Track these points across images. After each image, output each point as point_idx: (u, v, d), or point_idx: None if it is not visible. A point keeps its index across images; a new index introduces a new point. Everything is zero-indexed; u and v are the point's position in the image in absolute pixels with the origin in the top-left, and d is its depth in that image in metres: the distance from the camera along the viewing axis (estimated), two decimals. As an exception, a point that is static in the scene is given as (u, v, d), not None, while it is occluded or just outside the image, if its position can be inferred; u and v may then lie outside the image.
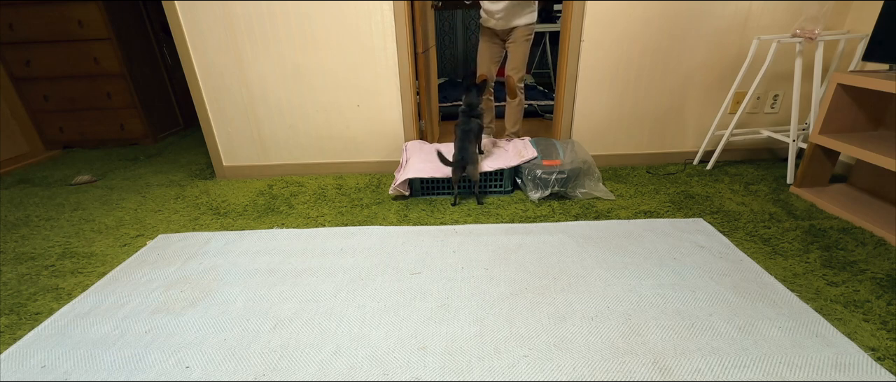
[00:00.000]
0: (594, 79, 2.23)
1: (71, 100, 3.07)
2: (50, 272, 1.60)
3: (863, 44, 1.93)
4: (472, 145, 1.99)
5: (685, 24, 2.10)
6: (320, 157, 2.45)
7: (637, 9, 2.08)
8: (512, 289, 1.37)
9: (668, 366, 1.06)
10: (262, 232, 1.81)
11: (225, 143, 2.42)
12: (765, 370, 1.04)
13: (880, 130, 1.85)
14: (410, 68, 2.23)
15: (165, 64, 3.46)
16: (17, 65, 2.94)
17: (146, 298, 1.41)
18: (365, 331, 1.22)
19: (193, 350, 1.18)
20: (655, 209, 1.89)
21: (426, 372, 1.07)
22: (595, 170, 2.07)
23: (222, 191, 2.31)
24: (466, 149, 1.93)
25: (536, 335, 1.18)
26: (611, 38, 2.14)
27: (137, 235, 1.86)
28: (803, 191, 1.94)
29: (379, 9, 2.09)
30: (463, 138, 1.97)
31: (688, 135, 2.38)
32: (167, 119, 3.49)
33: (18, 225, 2.00)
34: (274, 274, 1.50)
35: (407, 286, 1.41)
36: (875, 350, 1.10)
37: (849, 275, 1.39)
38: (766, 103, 2.30)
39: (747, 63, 2.08)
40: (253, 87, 2.27)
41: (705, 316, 1.23)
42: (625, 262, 1.50)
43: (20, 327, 1.31)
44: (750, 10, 2.07)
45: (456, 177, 1.95)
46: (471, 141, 1.98)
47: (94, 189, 2.42)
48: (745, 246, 1.58)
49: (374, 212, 1.97)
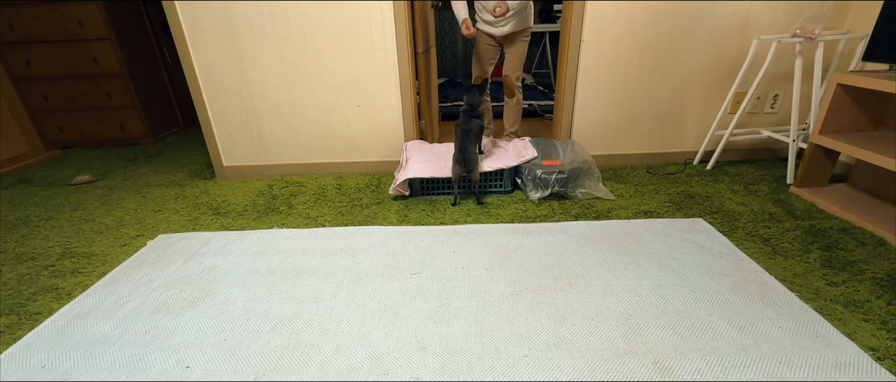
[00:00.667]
0: (594, 79, 2.23)
1: (71, 100, 3.07)
2: (50, 272, 1.60)
3: (863, 44, 1.93)
4: (473, 145, 1.99)
5: (685, 23, 2.10)
6: (320, 157, 2.45)
7: (637, 9, 2.08)
8: (512, 289, 1.37)
9: (668, 366, 1.06)
10: (262, 232, 1.81)
11: (225, 143, 2.42)
12: (765, 370, 1.04)
13: (880, 130, 1.86)
14: (410, 68, 2.23)
15: (165, 64, 3.46)
16: (17, 65, 2.94)
17: (146, 298, 1.41)
18: (365, 331, 1.22)
19: (193, 350, 1.18)
20: (655, 209, 1.90)
21: (426, 372, 1.07)
22: (595, 170, 2.07)
23: (222, 191, 2.31)
24: (467, 150, 1.93)
25: (536, 335, 1.18)
26: (611, 38, 2.14)
27: (137, 235, 1.86)
28: (803, 191, 1.94)
29: (379, 9, 2.09)
30: (463, 138, 1.97)
31: (688, 135, 2.38)
32: (167, 119, 3.49)
33: (18, 225, 2.00)
34: (274, 274, 1.50)
35: (407, 286, 1.41)
36: (875, 350, 1.10)
37: (849, 275, 1.39)
38: (766, 103, 2.30)
39: (747, 63, 2.08)
40: (253, 87, 2.27)
41: (705, 316, 1.23)
42: (625, 262, 1.50)
43: (20, 327, 1.31)
44: (750, 10, 2.07)
45: (456, 176, 1.95)
46: (471, 141, 1.98)
47: (94, 189, 2.42)
48: (745, 246, 1.58)
49: (374, 212, 1.97)
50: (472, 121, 2.05)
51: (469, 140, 1.97)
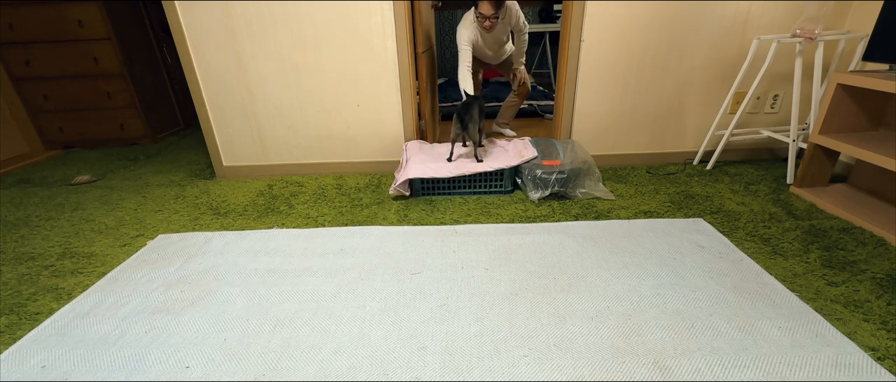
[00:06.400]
0: (594, 79, 2.23)
1: (71, 100, 3.07)
2: (50, 272, 1.60)
3: (863, 44, 1.93)
4: (475, 110, 2.04)
5: (685, 23, 2.10)
6: (320, 157, 2.45)
7: (637, 9, 2.08)
8: (512, 289, 1.37)
9: (668, 366, 1.06)
10: (261, 232, 1.81)
11: (225, 143, 2.42)
12: (765, 370, 1.04)
13: (880, 130, 1.86)
14: (410, 68, 2.23)
15: (165, 64, 3.46)
16: (17, 65, 2.94)
17: (146, 298, 1.41)
18: (365, 331, 1.22)
19: (193, 350, 1.18)
20: (655, 209, 1.89)
21: (426, 372, 1.07)
22: (595, 170, 2.07)
23: (222, 190, 2.31)
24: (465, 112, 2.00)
25: (536, 335, 1.18)
26: (611, 38, 2.14)
27: (137, 235, 1.86)
28: (803, 191, 1.94)
29: (379, 9, 2.09)
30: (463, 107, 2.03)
31: (688, 135, 2.38)
32: (167, 119, 3.49)
33: (18, 225, 2.00)
34: (274, 274, 1.50)
35: (407, 286, 1.41)
36: (875, 350, 1.10)
37: (849, 275, 1.39)
38: (766, 103, 2.30)
39: (747, 63, 2.08)
40: (253, 87, 2.27)
41: (705, 316, 1.23)
42: (625, 262, 1.50)
43: (20, 327, 1.31)
44: (750, 10, 2.07)
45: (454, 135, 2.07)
46: (473, 107, 2.04)
47: (94, 189, 2.42)
48: (745, 246, 1.58)
49: (374, 212, 1.97)
50: (474, 101, 2.12)
51: (469, 107, 2.03)
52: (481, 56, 2.61)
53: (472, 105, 2.05)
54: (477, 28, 2.38)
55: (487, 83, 4.07)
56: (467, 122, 2.00)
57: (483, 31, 2.38)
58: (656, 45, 2.15)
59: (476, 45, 2.44)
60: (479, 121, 2.09)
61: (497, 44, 2.53)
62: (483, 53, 2.57)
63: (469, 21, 2.37)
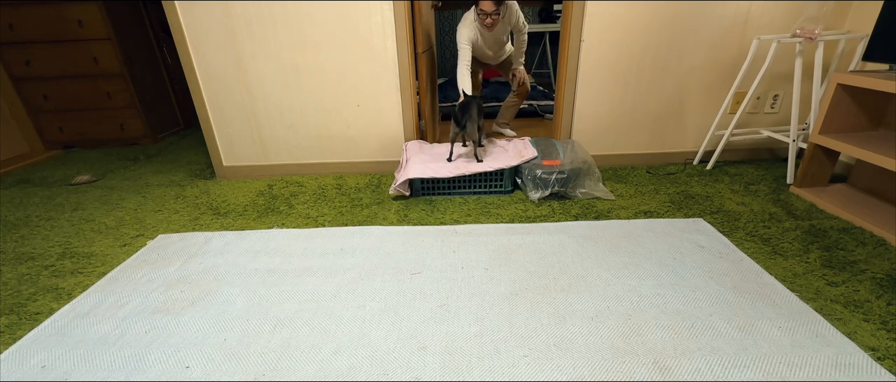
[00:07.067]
0: (594, 79, 2.23)
1: (71, 100, 3.07)
2: (50, 272, 1.60)
3: (863, 44, 1.93)
4: (473, 109, 2.03)
5: (685, 23, 2.10)
6: (320, 157, 2.45)
7: (637, 9, 2.08)
8: (512, 289, 1.37)
9: (668, 366, 1.06)
10: (261, 232, 1.81)
11: (225, 143, 2.42)
12: (765, 370, 1.04)
13: (880, 130, 1.86)
14: (410, 68, 2.23)
15: (165, 64, 3.46)
16: (17, 65, 2.94)
17: (146, 298, 1.41)
18: (365, 331, 1.22)
19: (193, 350, 1.18)
20: (655, 209, 1.89)
21: (426, 372, 1.07)
22: (595, 170, 2.07)
23: (222, 190, 2.31)
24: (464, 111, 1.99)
25: (536, 335, 1.18)
26: (611, 38, 2.14)
27: (137, 235, 1.86)
28: (803, 191, 1.94)
29: (379, 9, 2.09)
30: (462, 107, 2.02)
31: (688, 135, 2.38)
32: (167, 119, 3.49)
33: (18, 225, 2.00)
34: (274, 274, 1.50)
35: (407, 286, 1.41)
36: (875, 350, 1.10)
37: (849, 275, 1.39)
38: (766, 103, 2.30)
39: (747, 63, 2.08)
40: (253, 87, 2.27)
41: (705, 316, 1.23)
42: (625, 262, 1.50)
43: (20, 327, 1.31)
44: (750, 10, 2.07)
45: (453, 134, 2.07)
46: (471, 106, 2.03)
47: (94, 189, 2.42)
48: (745, 246, 1.58)
49: (374, 212, 1.97)
50: (472, 99, 2.11)
51: (468, 106, 2.02)
52: (481, 56, 2.61)
53: (471, 104, 2.04)
54: (477, 27, 2.38)
55: (487, 83, 4.07)
56: (465, 122, 1.99)
57: (483, 29, 2.39)
58: (656, 45, 2.15)
59: (476, 45, 2.44)
60: (477, 120, 2.09)
61: (497, 44, 2.54)
62: (483, 53, 2.57)
63: (469, 21, 2.37)
